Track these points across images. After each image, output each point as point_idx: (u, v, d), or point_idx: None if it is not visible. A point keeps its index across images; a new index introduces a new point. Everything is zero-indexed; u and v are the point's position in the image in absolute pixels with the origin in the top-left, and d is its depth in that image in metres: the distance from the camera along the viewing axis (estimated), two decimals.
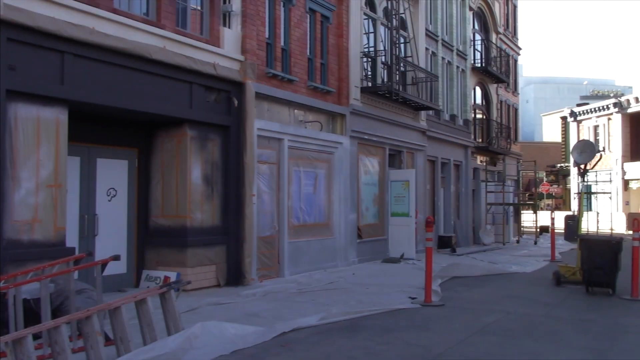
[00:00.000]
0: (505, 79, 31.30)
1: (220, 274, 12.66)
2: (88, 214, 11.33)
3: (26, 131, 9.21)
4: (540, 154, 50.10)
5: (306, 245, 15.46)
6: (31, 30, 9.14)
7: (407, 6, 20.32)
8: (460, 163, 26.32)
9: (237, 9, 13.52)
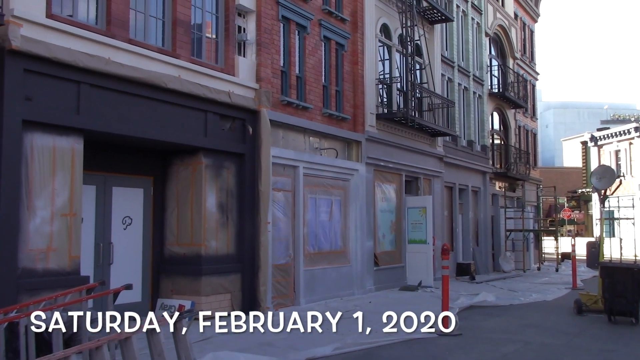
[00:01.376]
0: (523, 104, 31.15)
1: (235, 302, 12.58)
2: (103, 243, 11.36)
3: (42, 160, 9.30)
4: (560, 179, 49.56)
5: (322, 273, 15.34)
6: (48, 61, 9.28)
7: (422, 33, 20.39)
8: (479, 189, 26.11)
9: (252, 37, 13.65)
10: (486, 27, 27.77)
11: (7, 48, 8.71)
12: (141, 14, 11.40)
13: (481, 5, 27.31)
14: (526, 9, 35.44)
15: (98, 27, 10.44)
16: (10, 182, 8.79)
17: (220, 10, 13.17)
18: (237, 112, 12.96)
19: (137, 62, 10.74)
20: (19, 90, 8.91)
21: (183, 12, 11.99)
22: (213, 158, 12.46)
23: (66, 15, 10.01)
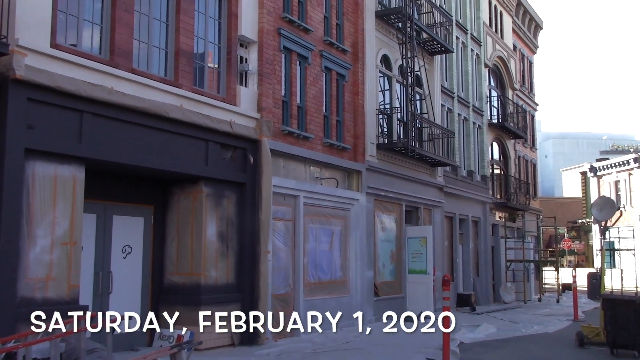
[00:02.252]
0: (523, 135, 31.29)
1: (234, 333, 12.47)
2: (103, 271, 11.30)
3: (43, 189, 9.30)
4: (560, 210, 49.52)
5: (322, 303, 15.22)
6: (51, 90, 9.35)
7: (422, 64, 20.57)
8: (479, 219, 26.07)
9: (254, 68, 13.77)
10: (485, 58, 28.03)
11: (11, 77, 8.78)
12: (144, 44, 11.52)
13: (480, 37, 27.60)
14: (525, 41, 35.82)
15: (101, 57, 10.54)
16: (11, 211, 8.79)
17: (222, 40, 13.31)
18: (238, 141, 13.00)
19: (139, 92, 10.81)
20: (21, 119, 8.95)
21: (186, 43, 12.11)
22: (214, 187, 12.47)
23: (70, 45, 10.11)
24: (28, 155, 9.06)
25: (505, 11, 31.59)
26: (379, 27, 18.91)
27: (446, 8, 24.29)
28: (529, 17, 35.92)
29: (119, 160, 10.44)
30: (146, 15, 11.57)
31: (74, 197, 9.72)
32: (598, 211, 14.71)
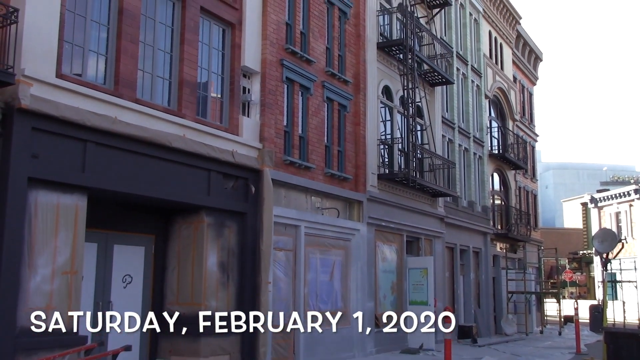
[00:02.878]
0: (523, 166, 31.37)
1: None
2: (102, 301, 11.23)
3: (45, 218, 9.30)
4: (561, 241, 49.35)
5: (322, 334, 15.10)
6: (56, 120, 9.41)
7: (423, 95, 20.72)
8: (480, 250, 26.00)
9: (256, 98, 13.87)
10: (486, 89, 28.24)
11: (16, 107, 8.85)
12: (149, 74, 11.63)
13: (481, 69, 27.84)
14: (525, 72, 36.12)
15: (106, 87, 10.64)
16: (13, 240, 8.78)
17: (225, 71, 13.44)
18: (240, 171, 13.04)
19: (143, 121, 10.88)
20: (26, 148, 9.00)
21: (189, 73, 12.22)
22: (215, 217, 12.47)
23: (75, 75, 10.21)
24: (31, 184, 9.09)
25: (505, 43, 31.92)
26: (380, 59, 19.09)
27: (447, 40, 24.56)
28: (529, 49, 36.27)
29: (121, 189, 10.46)
30: (151, 46, 11.70)
31: (75, 226, 9.72)
32: (599, 243, 14.68)
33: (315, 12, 16.23)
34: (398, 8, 19.86)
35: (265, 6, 14.25)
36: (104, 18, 10.87)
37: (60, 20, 9.80)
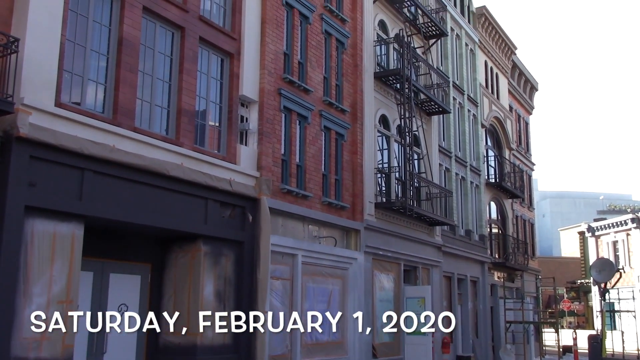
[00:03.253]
0: (520, 195, 31.41)
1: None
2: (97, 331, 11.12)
3: (41, 247, 9.27)
4: (559, 270, 49.17)
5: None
6: (54, 148, 9.44)
7: (420, 124, 20.83)
8: (477, 279, 25.89)
9: (254, 127, 13.94)
10: (482, 118, 28.41)
11: (15, 135, 8.88)
12: (147, 103, 11.69)
13: (477, 98, 28.04)
14: (521, 102, 36.39)
15: (105, 115, 10.69)
16: (8, 268, 8.74)
17: (224, 100, 13.52)
18: (237, 199, 13.04)
19: (141, 150, 10.91)
20: (23, 177, 9.01)
21: (188, 102, 12.30)
22: (212, 245, 12.43)
23: (74, 103, 10.26)
24: (28, 212, 9.07)
25: (501, 73, 32.21)
26: (377, 88, 19.24)
27: (443, 69, 24.78)
28: (525, 79, 36.60)
29: (118, 218, 10.45)
30: (150, 75, 11.79)
31: (72, 254, 9.68)
32: (597, 273, 14.64)
33: (313, 43, 16.39)
34: (395, 38, 20.07)
35: (263, 36, 14.40)
36: (104, 47, 10.98)
37: (60, 49, 9.89)
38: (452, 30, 26.03)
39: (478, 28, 29.20)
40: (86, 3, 10.69)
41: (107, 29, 11.07)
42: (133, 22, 11.29)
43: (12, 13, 9.46)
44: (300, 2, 15.91)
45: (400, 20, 21.25)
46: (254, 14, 14.31)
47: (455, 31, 26.66)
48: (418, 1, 21.31)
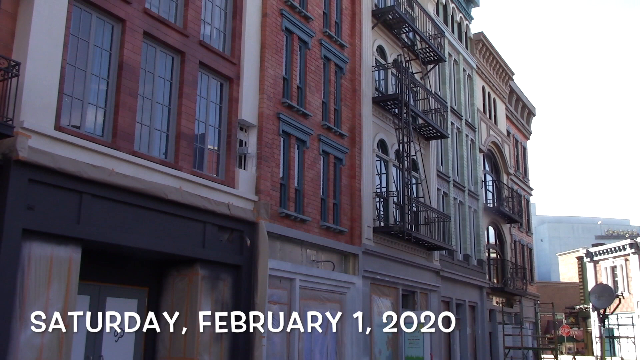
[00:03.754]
0: (518, 219, 31.41)
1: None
2: (93, 355, 11.03)
3: (38, 270, 9.23)
4: (558, 295, 48.97)
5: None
6: (52, 172, 9.44)
7: (418, 148, 20.90)
8: (476, 304, 25.77)
9: (253, 151, 13.97)
10: (480, 143, 28.52)
11: (13, 158, 8.88)
12: (146, 126, 11.74)
13: (475, 123, 28.18)
14: (518, 127, 36.57)
15: (104, 139, 10.72)
16: (5, 292, 8.68)
17: (223, 124, 13.57)
18: (235, 223, 13.02)
19: (139, 173, 10.92)
20: (21, 200, 9.00)
21: (187, 126, 12.34)
22: (210, 269, 12.38)
23: (73, 126, 10.30)
24: (26, 235, 9.05)
25: (498, 98, 32.42)
26: (375, 113, 19.34)
27: (441, 95, 24.94)
28: (522, 104, 36.82)
29: (116, 241, 10.42)
30: (149, 99, 11.85)
31: (69, 278, 9.63)
32: (596, 299, 14.59)
33: (312, 67, 16.51)
34: (393, 64, 20.23)
35: (263, 61, 14.51)
36: (104, 72, 11.05)
37: (61, 73, 9.96)
38: (450, 55, 26.26)
39: (476, 54, 29.46)
40: (87, 28, 10.79)
41: (107, 53, 11.15)
42: (134, 46, 11.38)
43: (14, 37, 9.54)
44: (299, 27, 16.07)
45: (399, 46, 21.45)
46: (254, 39, 14.44)
47: (453, 57, 26.89)
48: (416, 27, 21.51)
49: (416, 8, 23.24)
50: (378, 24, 20.03)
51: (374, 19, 19.90)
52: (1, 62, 8.88)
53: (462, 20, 28.53)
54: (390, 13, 19.97)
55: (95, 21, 10.96)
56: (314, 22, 16.80)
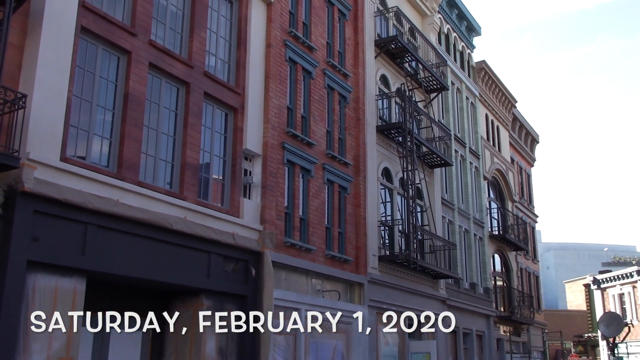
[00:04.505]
0: (524, 247, 31.23)
1: None
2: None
3: (43, 302, 9.16)
4: (565, 323, 48.42)
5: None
6: (58, 203, 9.43)
7: (422, 176, 20.89)
8: (483, 333, 25.48)
9: (258, 180, 13.96)
10: (484, 171, 28.51)
11: (19, 190, 8.88)
12: (151, 157, 11.75)
13: (479, 151, 28.20)
14: (522, 154, 36.58)
15: (109, 170, 10.73)
16: (9, 324, 8.61)
17: (227, 153, 13.60)
18: (240, 253, 12.96)
19: (144, 204, 10.91)
20: (26, 231, 8.97)
21: (192, 156, 12.36)
22: (214, 300, 12.28)
23: (79, 157, 10.32)
24: (30, 267, 9.00)
25: (502, 126, 32.49)
26: (379, 141, 19.37)
27: (445, 123, 25.01)
28: (525, 132, 36.88)
29: (120, 272, 10.37)
30: (154, 130, 11.89)
31: (73, 310, 9.55)
32: (605, 327, 14.41)
33: (316, 97, 16.60)
34: (396, 92, 20.33)
35: (267, 91, 14.59)
36: (110, 103, 11.11)
37: (67, 104, 10.01)
38: (452, 84, 26.40)
39: (478, 82, 29.61)
40: (93, 60, 10.88)
41: (113, 84, 11.23)
42: (139, 77, 11.46)
43: (21, 69, 9.62)
44: (303, 57, 16.19)
45: (402, 75, 21.58)
46: (258, 69, 14.54)
47: (456, 85, 27.03)
48: (419, 56, 21.67)
49: (418, 37, 23.44)
50: (381, 54, 20.18)
51: (376, 48, 20.06)
52: (8, 94, 8.93)
53: (464, 49, 28.74)
54: (392, 43, 20.14)
55: (101, 53, 11.07)
56: (317, 52, 16.94)
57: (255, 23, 14.66)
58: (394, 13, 21.85)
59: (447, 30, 27.04)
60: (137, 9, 11.68)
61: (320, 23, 17.46)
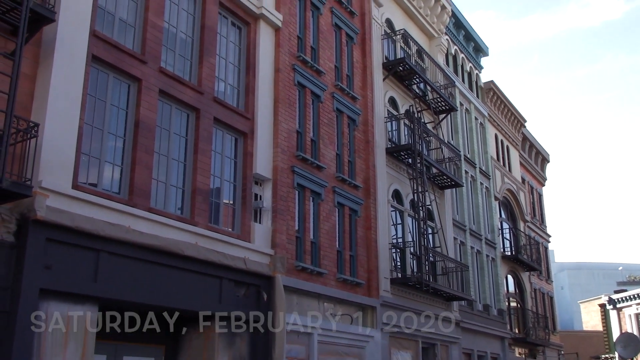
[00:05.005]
0: (537, 267, 30.96)
1: None
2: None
3: (55, 330, 9.15)
4: (582, 344, 47.75)
5: None
6: (70, 230, 9.47)
7: (433, 198, 20.83)
8: (498, 356, 25.17)
9: (268, 204, 13.97)
10: (495, 191, 28.39)
11: (31, 218, 8.93)
12: (162, 183, 11.81)
13: (489, 171, 28.13)
14: (533, 174, 36.44)
15: (120, 196, 10.78)
16: (21, 353, 8.60)
17: (237, 178, 13.64)
18: (251, 278, 12.93)
19: (156, 230, 10.93)
20: (39, 260, 9.00)
21: (202, 182, 12.41)
22: (226, 325, 12.22)
23: (90, 184, 10.38)
24: (43, 295, 9.02)
25: (512, 146, 32.42)
26: (389, 163, 19.38)
27: (454, 144, 25.00)
28: (535, 151, 36.78)
29: (132, 299, 10.35)
30: (165, 156, 11.96)
31: (85, 337, 9.55)
32: (623, 348, 14.21)
33: (325, 120, 16.67)
34: (405, 114, 20.38)
35: (276, 115, 14.66)
36: (121, 130, 11.21)
37: (79, 133, 10.09)
38: (461, 105, 26.44)
39: (487, 102, 29.64)
40: (104, 88, 11.00)
41: (124, 111, 11.33)
42: (149, 104, 11.57)
43: (33, 98, 9.73)
44: (311, 81, 16.29)
45: (410, 97, 21.65)
46: (267, 94, 14.64)
47: (465, 106, 27.06)
48: (427, 78, 21.74)
49: (426, 59, 23.55)
50: (389, 76, 20.28)
51: (384, 71, 20.16)
52: (20, 123, 9.03)
53: (472, 69, 28.82)
54: (400, 65, 20.24)
55: (112, 81, 11.19)
56: (325, 75, 17.04)
57: (263, 48, 14.79)
58: (401, 35, 22.00)
59: (454, 51, 27.16)
60: (147, 37, 11.83)
61: (328, 47, 17.59)
